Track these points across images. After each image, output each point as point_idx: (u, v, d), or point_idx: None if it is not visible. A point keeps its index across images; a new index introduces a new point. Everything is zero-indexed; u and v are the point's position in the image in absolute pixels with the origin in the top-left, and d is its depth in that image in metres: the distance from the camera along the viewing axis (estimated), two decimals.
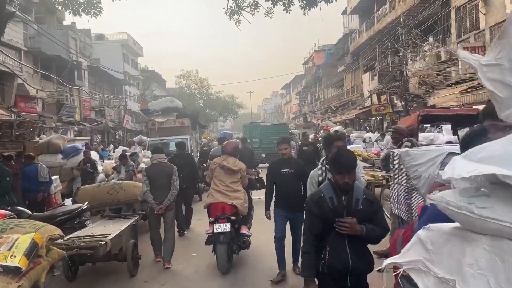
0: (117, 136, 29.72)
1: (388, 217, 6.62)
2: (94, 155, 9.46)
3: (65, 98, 26.21)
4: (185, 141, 13.34)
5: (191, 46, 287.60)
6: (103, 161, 11.85)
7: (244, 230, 6.06)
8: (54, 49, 24.32)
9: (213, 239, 5.66)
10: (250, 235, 6.22)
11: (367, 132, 22.44)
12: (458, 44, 18.65)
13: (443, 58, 19.27)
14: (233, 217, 5.71)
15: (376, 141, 16.00)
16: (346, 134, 19.17)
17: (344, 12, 36.21)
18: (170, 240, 5.95)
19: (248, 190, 6.51)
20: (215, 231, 5.57)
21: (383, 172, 9.53)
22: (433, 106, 21.18)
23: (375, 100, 27.69)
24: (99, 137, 31.96)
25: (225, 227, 5.56)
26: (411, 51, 21.93)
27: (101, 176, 9.35)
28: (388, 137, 15.32)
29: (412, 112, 22.18)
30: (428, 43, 21.38)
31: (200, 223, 8.19)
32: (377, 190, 9.88)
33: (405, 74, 21.66)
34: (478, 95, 14.76)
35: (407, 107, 21.70)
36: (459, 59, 16.50)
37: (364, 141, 19.28)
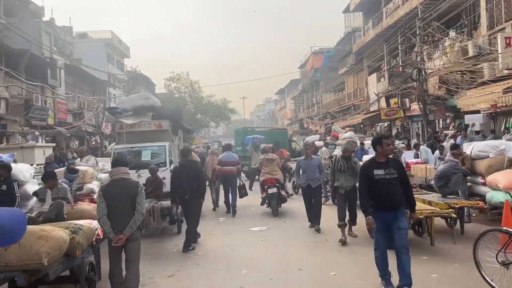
0: (93, 143, 26.51)
1: None
2: (21, 169, 6.32)
3: (35, 99, 22.97)
4: (163, 148, 10.37)
5: (182, 52, 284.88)
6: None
7: (282, 192, 10.40)
8: (26, 45, 21.31)
9: (266, 198, 10.16)
10: (286, 195, 10.72)
11: None
12: (491, 36, 15.88)
13: (471, 54, 16.49)
14: (277, 185, 10.18)
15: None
16: (358, 141, 16.21)
17: (347, 10, 33.56)
18: (132, 281, 4.70)
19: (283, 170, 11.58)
20: (269, 192, 10.02)
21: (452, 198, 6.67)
22: (456, 110, 18.39)
23: (383, 104, 24.87)
24: (77, 144, 28.77)
25: (274, 189, 10.06)
26: (430, 47, 19.15)
27: (31, 202, 6.13)
28: (422, 147, 12.41)
29: (433, 116, 19.39)
30: (449, 38, 18.64)
31: (212, 237, 8.19)
32: (439, 224, 7.00)
33: (423, 72, 18.84)
34: None
35: (426, 111, 18.86)
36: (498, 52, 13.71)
37: None
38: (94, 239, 5.05)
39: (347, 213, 7.47)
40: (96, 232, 5.12)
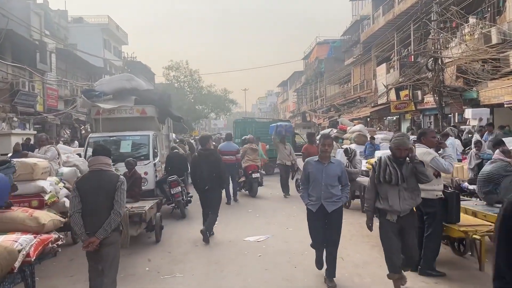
0: (83, 132, 25.04)
1: None
2: None
3: (21, 83, 21.43)
4: (147, 138, 8.91)
5: (183, 42, 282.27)
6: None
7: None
8: (16, 28, 19.76)
9: (248, 182, 11.50)
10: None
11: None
12: None
13: (494, 41, 14.90)
14: (259, 170, 11.64)
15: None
16: (368, 135, 14.69)
17: None
18: None
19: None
20: (253, 177, 11.30)
21: None
22: (476, 103, 16.85)
23: (392, 97, 23.30)
24: (69, 132, 27.32)
25: (257, 174, 11.34)
26: (448, 34, 17.56)
27: None
28: (452, 140, 10.89)
29: (449, 109, 17.86)
30: (468, 25, 17.03)
31: (197, 250, 6.54)
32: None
33: (439, 62, 17.26)
34: None
35: (441, 103, 17.31)
36: None
37: None
38: (17, 264, 3.56)
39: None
40: (22, 253, 3.66)
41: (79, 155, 8.80)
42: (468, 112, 15.54)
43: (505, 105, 14.84)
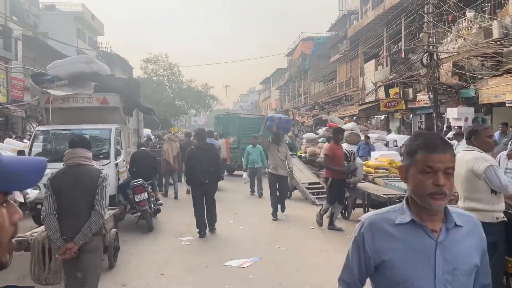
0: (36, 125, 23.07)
1: None
2: None
3: None
4: (108, 133, 7.40)
5: (163, 38, 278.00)
6: None
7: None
8: None
9: None
10: None
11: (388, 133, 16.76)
12: None
13: (496, 36, 13.85)
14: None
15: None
16: (361, 134, 13.45)
17: None
18: None
19: None
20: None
21: None
22: (473, 101, 15.83)
23: (380, 95, 22.21)
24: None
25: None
26: (445, 27, 16.48)
27: None
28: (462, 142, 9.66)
29: (444, 107, 16.77)
30: (466, 19, 15.99)
31: (162, 279, 5.10)
32: None
33: (435, 57, 16.17)
34: None
35: (436, 102, 16.23)
36: None
37: (386, 145, 13.63)
38: None
39: None
40: None
41: (23, 152, 7.22)
42: (453, 112, 14.38)
43: (507, 105, 13.82)
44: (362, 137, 13.82)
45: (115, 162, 7.32)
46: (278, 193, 8.42)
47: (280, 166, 8.36)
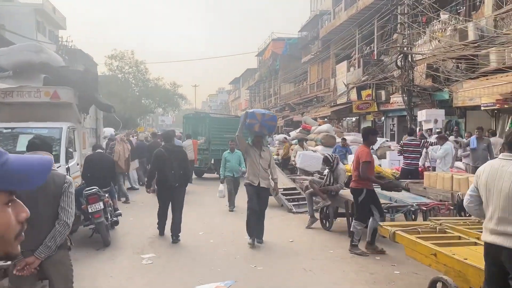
0: None
1: None
2: None
3: None
4: (58, 132, 6.43)
5: (130, 36, 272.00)
6: None
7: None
8: None
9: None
10: None
11: None
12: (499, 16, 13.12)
13: (471, 38, 13.67)
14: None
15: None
16: (337, 136, 12.91)
17: None
18: None
19: None
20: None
21: None
22: (447, 105, 15.66)
23: (353, 96, 21.90)
24: None
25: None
26: (420, 29, 16.28)
27: None
28: (447, 144, 9.31)
29: (418, 110, 16.53)
30: (440, 21, 15.81)
31: None
32: None
33: (409, 58, 15.91)
34: None
35: (411, 104, 15.96)
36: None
37: None
38: None
39: None
40: None
41: None
42: (422, 114, 14.15)
43: (482, 108, 13.67)
44: (337, 139, 13.31)
45: (66, 166, 6.34)
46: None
47: (262, 176, 6.48)
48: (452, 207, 6.43)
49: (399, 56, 16.14)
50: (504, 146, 3.01)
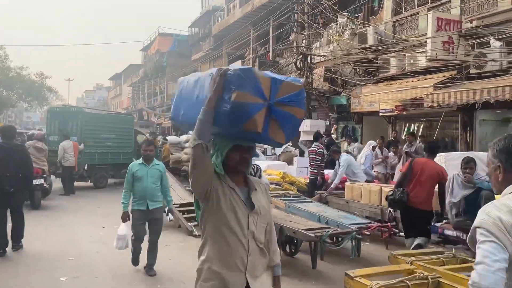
0: None
1: None
2: None
3: None
4: None
5: None
6: None
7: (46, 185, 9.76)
8: None
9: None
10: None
11: None
12: (398, 21, 13.10)
13: (371, 42, 13.46)
14: (44, 175, 9.54)
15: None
16: None
17: None
18: None
19: None
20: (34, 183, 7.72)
21: None
22: (344, 110, 15.41)
23: None
24: None
25: (40, 180, 9.17)
26: (323, 29, 15.81)
27: None
28: (342, 155, 8.36)
29: (316, 115, 15.99)
30: (337, 24, 15.52)
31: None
32: None
33: (309, 61, 15.30)
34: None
35: (309, 107, 15.33)
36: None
37: (264, 153, 11.88)
38: None
39: None
40: None
41: None
42: (304, 124, 12.83)
43: (381, 114, 13.52)
44: None
45: None
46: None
47: (254, 265, 2.11)
48: (397, 230, 5.32)
49: (299, 57, 15.43)
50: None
